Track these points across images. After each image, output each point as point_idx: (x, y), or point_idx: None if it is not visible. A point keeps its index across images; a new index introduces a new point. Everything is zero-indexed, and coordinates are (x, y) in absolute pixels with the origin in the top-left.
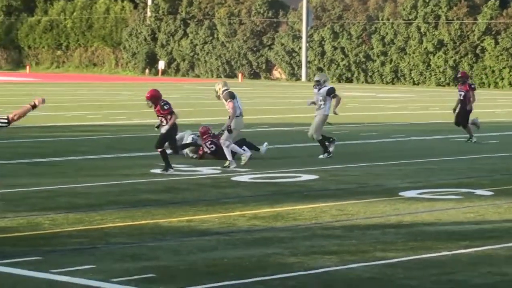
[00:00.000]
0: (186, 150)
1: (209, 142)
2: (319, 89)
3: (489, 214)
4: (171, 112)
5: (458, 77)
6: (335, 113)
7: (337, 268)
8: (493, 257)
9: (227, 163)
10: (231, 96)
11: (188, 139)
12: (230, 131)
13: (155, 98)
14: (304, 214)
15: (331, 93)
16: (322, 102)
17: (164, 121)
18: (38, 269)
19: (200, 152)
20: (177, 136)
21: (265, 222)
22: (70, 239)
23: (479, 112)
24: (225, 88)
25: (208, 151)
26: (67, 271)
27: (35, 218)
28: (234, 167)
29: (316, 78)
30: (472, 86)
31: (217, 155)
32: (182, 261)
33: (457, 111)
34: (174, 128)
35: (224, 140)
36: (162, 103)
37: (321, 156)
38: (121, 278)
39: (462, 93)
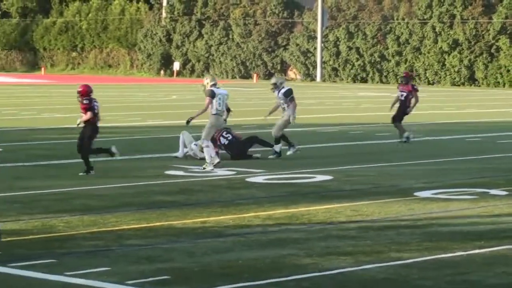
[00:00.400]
0: (196, 152)
1: (220, 137)
2: (279, 92)
3: (504, 214)
4: (88, 109)
5: (401, 77)
6: (290, 121)
7: (352, 269)
8: (508, 257)
9: (205, 164)
10: (211, 94)
11: (191, 146)
12: (188, 122)
13: (86, 93)
14: (319, 215)
15: (288, 95)
16: (285, 105)
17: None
18: (53, 272)
19: (216, 150)
20: (180, 141)
21: (280, 223)
22: (85, 242)
23: (495, 111)
24: (213, 83)
25: (222, 147)
26: (81, 273)
27: (49, 221)
28: (212, 169)
29: (272, 81)
30: (415, 87)
31: (232, 149)
32: (197, 263)
33: (395, 112)
34: (91, 128)
35: (203, 139)
36: (83, 98)
37: (289, 152)
38: (135, 280)
39: (404, 94)
